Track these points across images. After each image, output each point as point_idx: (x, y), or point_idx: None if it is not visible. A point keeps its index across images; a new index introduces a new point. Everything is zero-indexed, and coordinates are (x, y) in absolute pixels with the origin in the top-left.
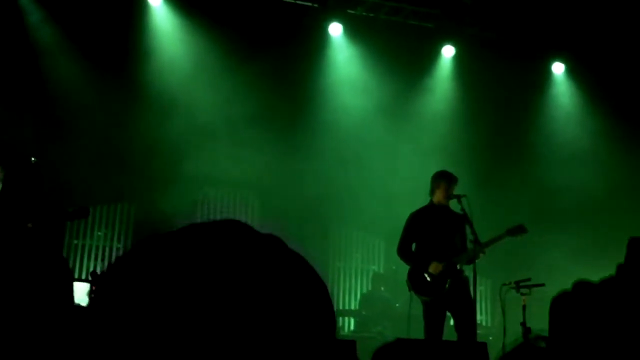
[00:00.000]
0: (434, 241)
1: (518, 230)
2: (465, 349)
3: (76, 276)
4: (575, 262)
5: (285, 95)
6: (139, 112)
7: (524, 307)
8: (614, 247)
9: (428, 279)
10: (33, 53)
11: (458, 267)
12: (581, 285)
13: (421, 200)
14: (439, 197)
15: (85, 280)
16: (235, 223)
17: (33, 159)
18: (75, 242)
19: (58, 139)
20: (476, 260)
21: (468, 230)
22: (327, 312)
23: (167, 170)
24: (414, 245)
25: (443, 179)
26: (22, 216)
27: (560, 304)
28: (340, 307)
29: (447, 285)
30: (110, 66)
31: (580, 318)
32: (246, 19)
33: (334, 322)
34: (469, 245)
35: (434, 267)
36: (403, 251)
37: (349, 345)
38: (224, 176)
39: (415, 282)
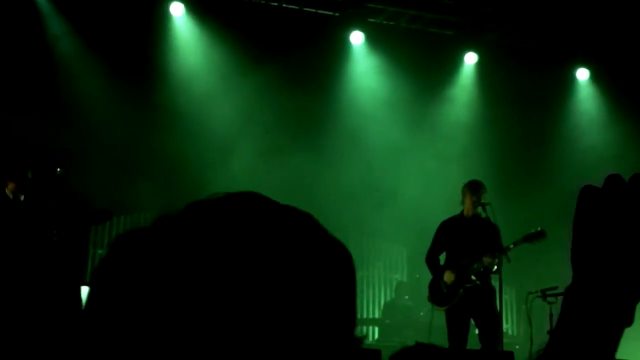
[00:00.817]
0: (460, 251)
1: (537, 235)
2: (492, 358)
3: None
4: None
5: (306, 104)
6: (161, 123)
7: (550, 315)
8: None
9: (444, 288)
10: (55, 63)
11: (473, 277)
12: (613, 180)
13: (443, 207)
14: (466, 206)
15: None
16: (249, 196)
17: (58, 169)
18: (100, 251)
19: (80, 149)
20: (494, 268)
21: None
22: (347, 304)
23: (188, 180)
24: (443, 255)
25: (468, 189)
26: (46, 226)
27: (589, 197)
28: (364, 316)
29: (458, 294)
30: (132, 76)
31: (609, 215)
32: (267, 29)
33: (353, 317)
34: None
35: (447, 276)
36: (429, 260)
37: (374, 354)
38: (245, 185)
39: (432, 291)
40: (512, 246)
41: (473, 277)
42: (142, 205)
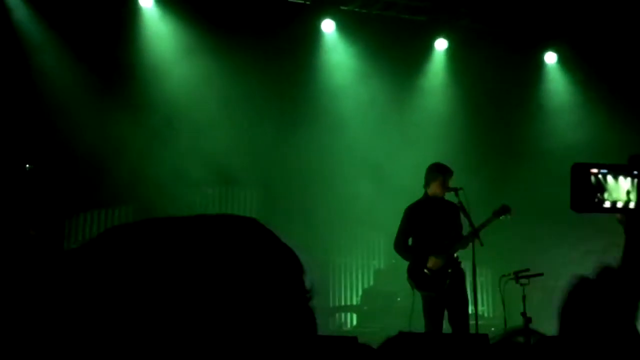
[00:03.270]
0: (431, 234)
1: (502, 211)
2: (467, 341)
3: None
4: (573, 251)
5: (278, 92)
6: (134, 113)
7: (523, 297)
8: (613, 236)
9: (428, 274)
10: (21, 52)
11: (455, 255)
12: (583, 284)
13: (421, 194)
14: (434, 189)
15: None
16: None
17: (27, 165)
18: (74, 247)
19: (53, 142)
20: (473, 250)
21: (464, 220)
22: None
23: (164, 172)
24: (410, 240)
25: (439, 172)
26: (19, 223)
27: (570, 305)
28: (342, 303)
29: (448, 280)
30: (102, 68)
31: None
32: (239, 17)
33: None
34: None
35: (432, 262)
36: (400, 245)
37: (350, 341)
38: (223, 175)
39: (416, 278)
40: (486, 223)
41: (455, 255)
42: (115, 200)
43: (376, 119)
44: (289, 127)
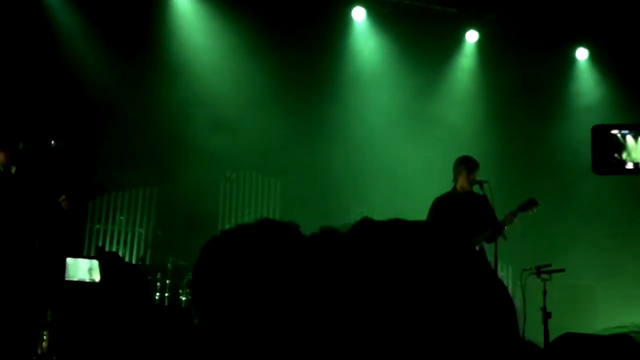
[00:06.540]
0: (456, 227)
1: (530, 204)
2: None
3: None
4: (596, 247)
5: (307, 80)
6: (161, 97)
7: (544, 292)
8: (634, 234)
9: None
10: (52, 35)
11: (477, 247)
12: None
13: (445, 189)
14: (461, 183)
15: (92, 257)
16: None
17: (53, 142)
18: (97, 226)
19: (78, 123)
20: (496, 243)
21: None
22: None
23: (189, 155)
24: None
25: (464, 165)
26: (40, 200)
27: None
28: None
29: None
30: (134, 49)
31: None
32: (268, 3)
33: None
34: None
35: None
36: None
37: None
38: (246, 160)
39: None
40: (511, 216)
41: (477, 248)
42: (142, 180)
43: (404, 109)
44: (315, 113)
